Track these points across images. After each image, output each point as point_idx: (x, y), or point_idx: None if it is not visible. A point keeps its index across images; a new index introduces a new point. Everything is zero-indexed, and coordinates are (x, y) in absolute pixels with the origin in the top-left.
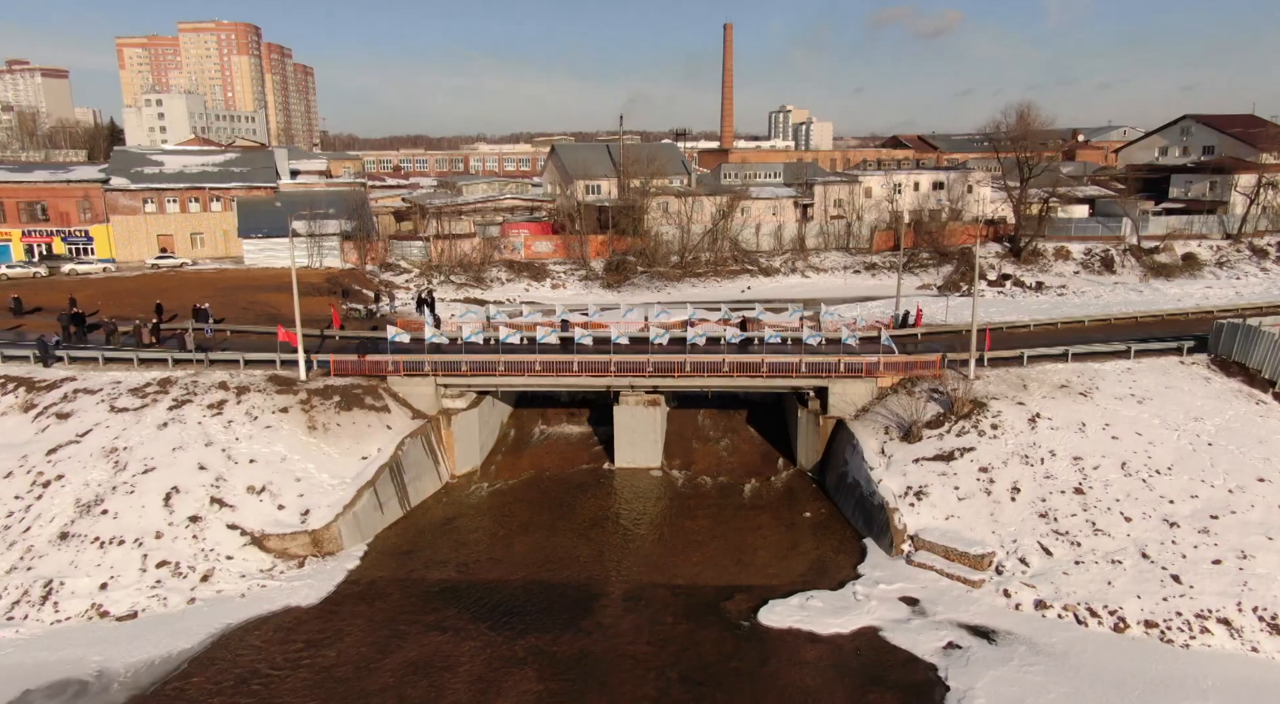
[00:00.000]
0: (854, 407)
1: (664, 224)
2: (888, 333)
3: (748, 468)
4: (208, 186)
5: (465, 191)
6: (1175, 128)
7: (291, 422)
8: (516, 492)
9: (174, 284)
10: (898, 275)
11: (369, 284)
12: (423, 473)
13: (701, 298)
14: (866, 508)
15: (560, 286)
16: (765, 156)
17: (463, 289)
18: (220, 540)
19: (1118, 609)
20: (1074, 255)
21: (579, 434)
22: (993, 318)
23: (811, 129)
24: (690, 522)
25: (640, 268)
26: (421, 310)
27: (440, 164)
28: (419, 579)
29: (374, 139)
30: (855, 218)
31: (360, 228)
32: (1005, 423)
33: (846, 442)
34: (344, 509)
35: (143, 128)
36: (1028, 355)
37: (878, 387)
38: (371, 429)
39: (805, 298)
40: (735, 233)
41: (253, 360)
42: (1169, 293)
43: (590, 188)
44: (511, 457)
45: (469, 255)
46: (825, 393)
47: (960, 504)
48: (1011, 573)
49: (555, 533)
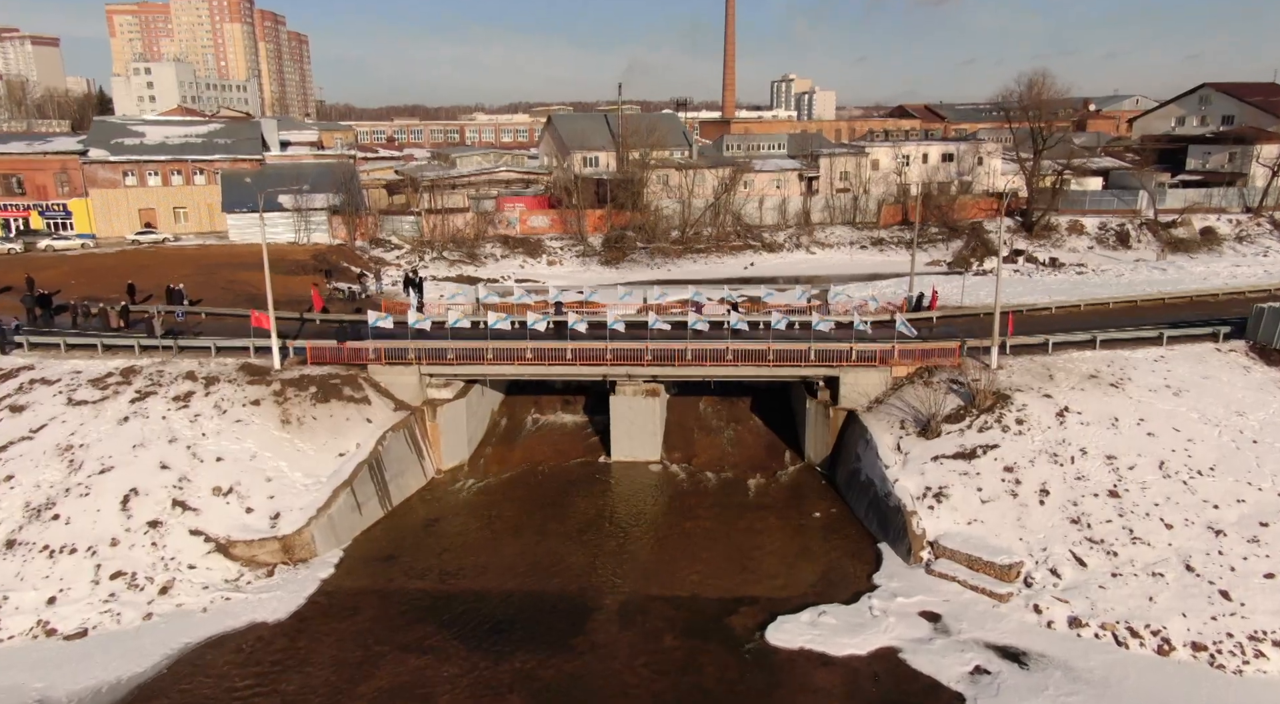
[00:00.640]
0: (867, 398)
1: (664, 198)
2: (903, 317)
3: (752, 461)
4: (190, 159)
5: (459, 164)
6: (1193, 96)
7: (263, 415)
8: (506, 488)
9: (153, 261)
10: (911, 254)
11: (358, 261)
12: (405, 469)
13: (703, 275)
14: (881, 509)
15: (556, 263)
16: (768, 127)
17: (455, 266)
18: (181, 548)
19: (1161, 629)
20: (1088, 230)
21: (574, 423)
22: (1011, 299)
23: (814, 99)
24: (691, 522)
25: (640, 243)
26: (409, 291)
27: (435, 135)
28: (398, 590)
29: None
30: (862, 191)
31: (349, 202)
32: (1031, 417)
33: (859, 436)
34: (318, 512)
35: (131, 97)
36: (1053, 342)
37: (892, 376)
38: (350, 423)
39: (810, 275)
40: (738, 207)
41: (225, 347)
42: (1194, 271)
43: (588, 160)
44: (502, 448)
45: (462, 231)
46: (836, 383)
47: (984, 507)
48: (1042, 585)
49: (546, 536)
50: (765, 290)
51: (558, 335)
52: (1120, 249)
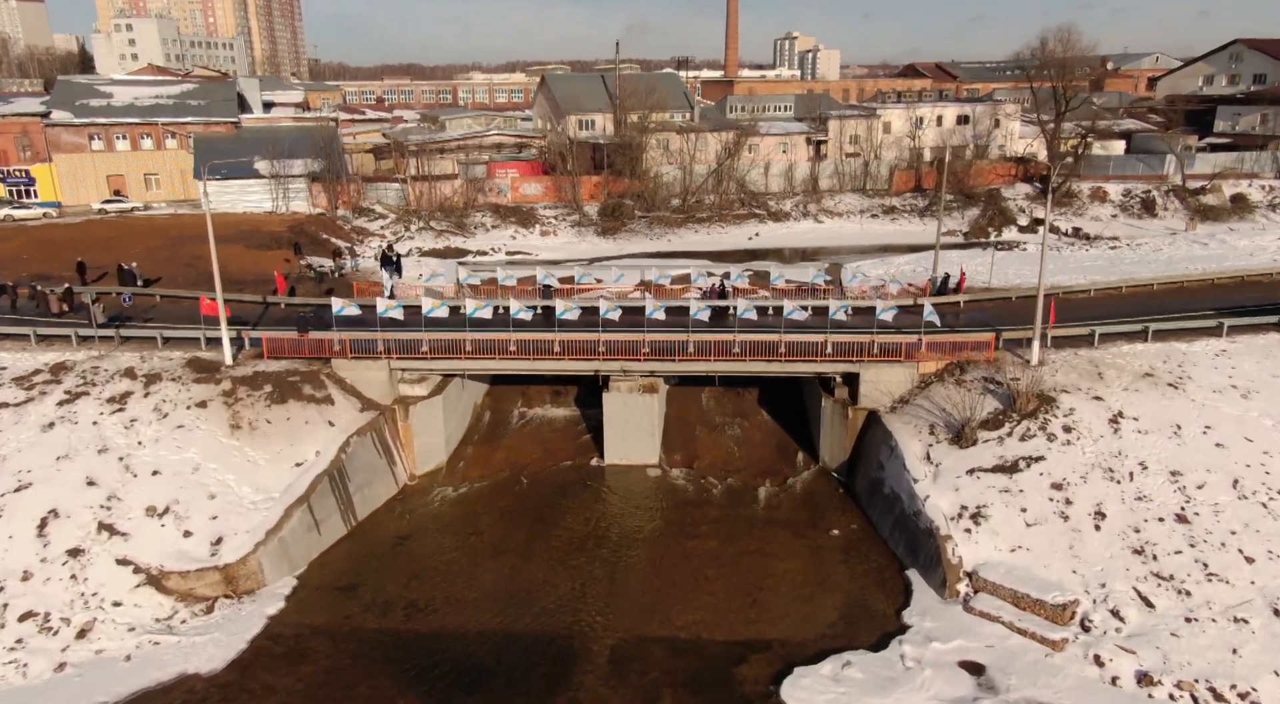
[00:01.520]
0: (890, 397)
1: (664, 164)
2: (930, 304)
3: (761, 465)
4: (161, 121)
5: (448, 127)
6: (1223, 54)
7: (210, 419)
8: (487, 497)
9: (119, 233)
10: (936, 227)
11: (339, 232)
12: (373, 477)
13: (705, 247)
14: (909, 530)
15: (550, 234)
16: (774, 87)
17: (443, 237)
18: (106, 581)
19: (1250, 690)
20: (1111, 197)
21: (564, 419)
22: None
23: (818, 58)
24: (693, 541)
25: (638, 212)
26: (386, 270)
27: (427, 96)
28: (356, 630)
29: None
30: (873, 156)
31: (330, 168)
32: (1080, 424)
33: (882, 441)
34: (267, 535)
35: (113, 55)
36: (1099, 333)
37: (919, 373)
38: (310, 426)
39: (818, 246)
40: (742, 173)
41: (174, 337)
42: (1237, 245)
43: (584, 123)
44: (484, 449)
45: (450, 199)
46: (855, 380)
47: (1029, 532)
48: (1102, 630)
49: (530, 558)
50: (775, 273)
51: (546, 322)
52: (1146, 217)
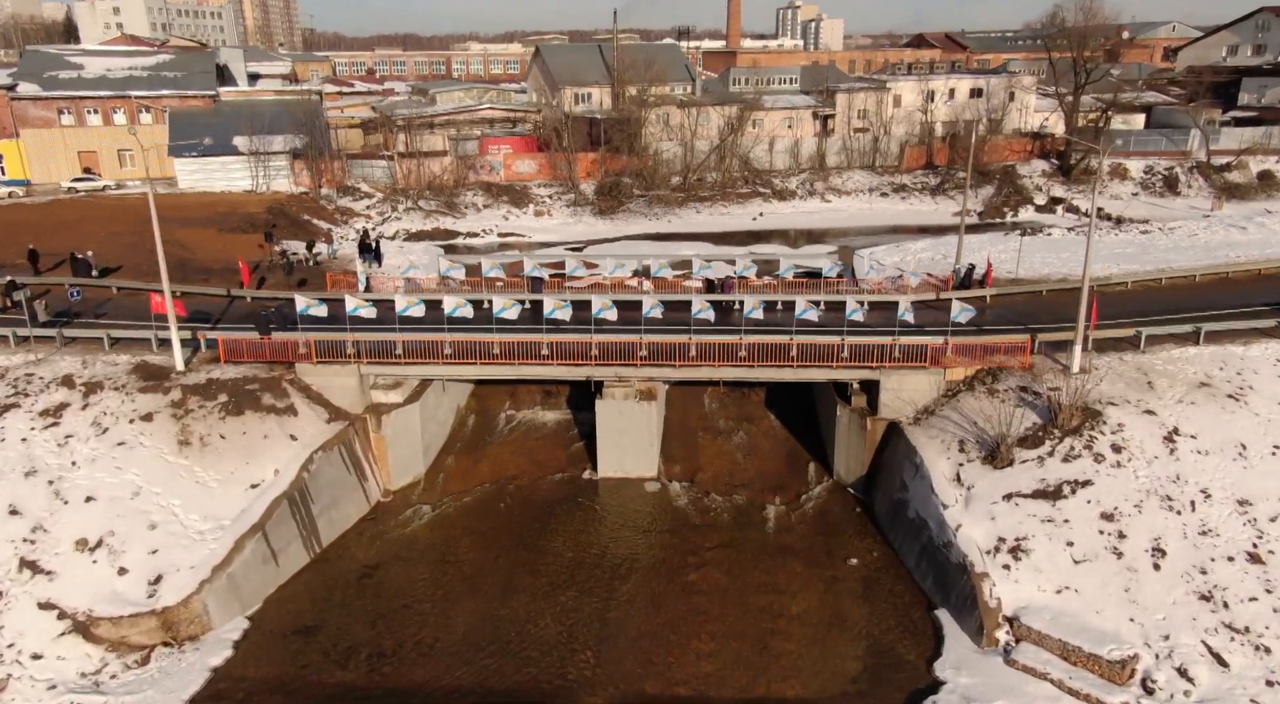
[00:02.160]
0: (913, 407)
1: (664, 140)
2: (960, 304)
3: (769, 478)
4: (135, 94)
5: (439, 100)
6: (1249, 23)
7: (156, 435)
8: (467, 517)
9: (85, 215)
10: (960, 214)
11: (322, 213)
12: (341, 496)
13: (707, 227)
14: (939, 563)
15: (545, 214)
16: (778, 59)
17: (432, 218)
18: (25, 629)
19: None
20: (1132, 174)
21: (555, 423)
22: (1072, 268)
23: (821, 27)
24: (696, 573)
25: (637, 191)
26: (364, 257)
27: (420, 67)
28: (312, 684)
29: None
30: (882, 131)
31: (313, 145)
32: (1131, 443)
33: (905, 457)
34: (214, 572)
35: (97, 24)
36: (1146, 334)
37: (946, 380)
38: (269, 441)
39: (825, 227)
40: (746, 150)
41: (123, 338)
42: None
43: (580, 97)
44: (467, 458)
45: (439, 177)
46: (875, 387)
47: (1078, 571)
48: (1168, 693)
49: (512, 594)
50: (785, 264)
51: (534, 318)
52: (1168, 195)
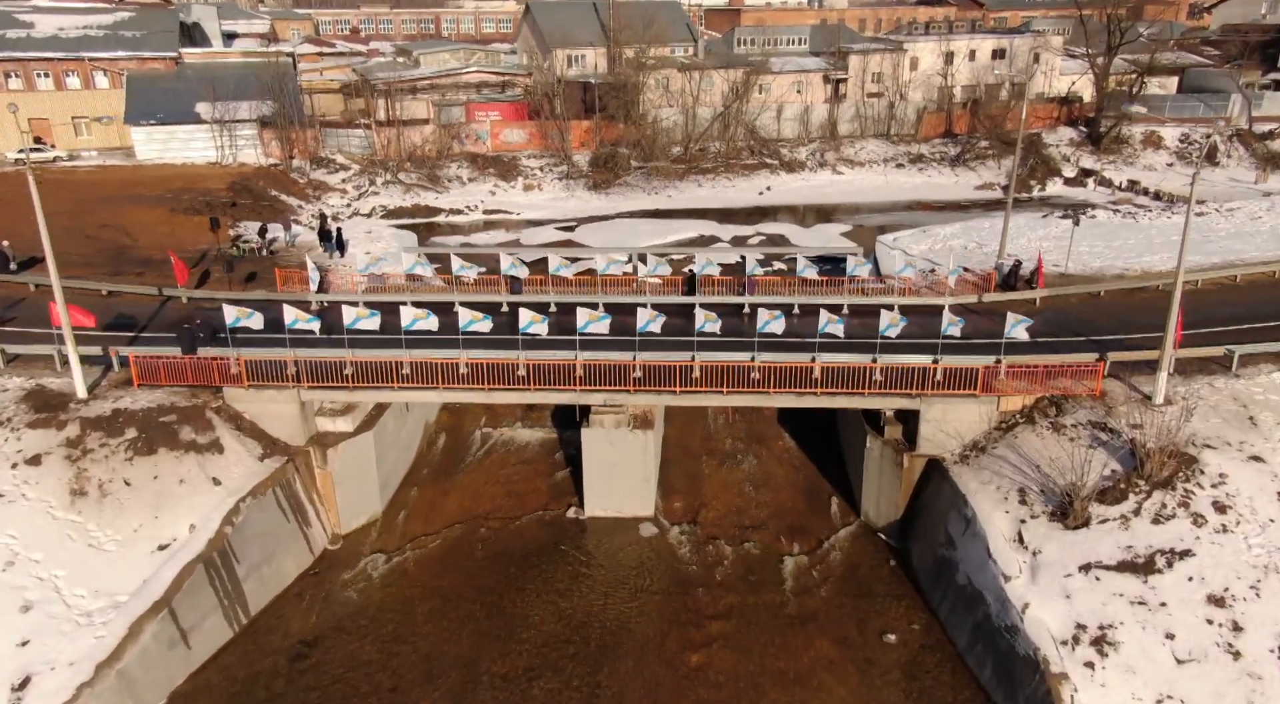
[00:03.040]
0: (959, 441)
1: (664, 106)
2: (1014, 316)
3: (785, 516)
4: (89, 56)
5: (423, 62)
6: None
7: (43, 484)
8: (429, 572)
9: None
10: (1008, 194)
11: (292, 187)
12: (277, 549)
13: (709, 203)
14: (1000, 650)
15: (535, 188)
16: (786, 18)
17: (412, 192)
18: None
19: None
20: (1166, 142)
21: (537, 445)
22: (1127, 261)
23: None
24: (700, 654)
25: (634, 162)
26: (327, 246)
27: (408, 26)
28: None
29: None
30: (898, 97)
31: (284, 112)
32: (1238, 499)
33: (951, 505)
34: (98, 670)
35: None
36: (1238, 353)
37: (999, 410)
38: (187, 488)
39: (838, 202)
40: (751, 117)
41: (23, 355)
42: None
43: (573, 59)
44: (433, 490)
45: (421, 148)
46: (914, 418)
47: (1182, 673)
48: None
49: (477, 684)
50: (801, 263)
51: (512, 326)
52: (1206, 166)
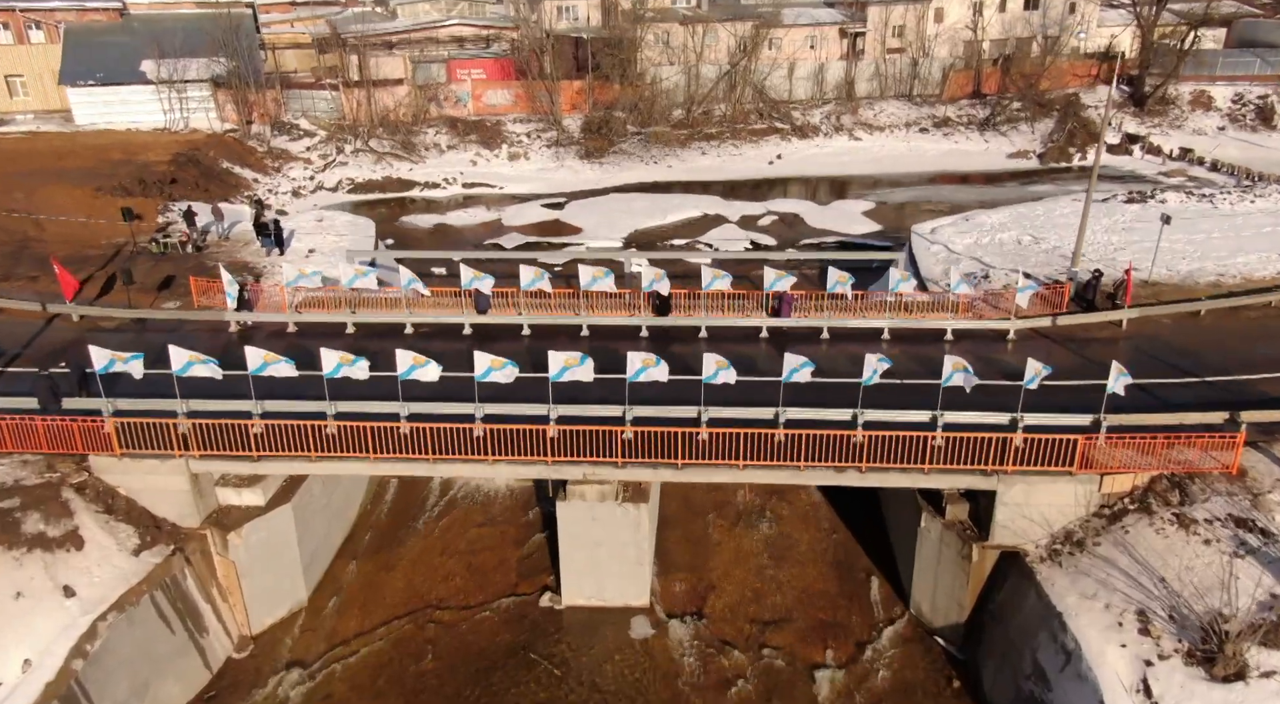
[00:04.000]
0: (1044, 529)
1: (664, 64)
2: (1119, 370)
3: (815, 604)
4: (20, 7)
5: (400, 14)
6: None
7: None
8: (363, 691)
9: None
10: (1093, 170)
11: (249, 157)
12: (155, 675)
13: (714, 174)
14: None
15: (520, 157)
16: None
17: (384, 162)
18: None
19: None
20: (1217, 103)
21: (508, 498)
22: (1217, 261)
23: None
24: None
25: (631, 127)
26: (264, 242)
27: None
28: None
29: None
30: (922, 53)
31: (241, 71)
32: None
33: (1039, 622)
34: None
35: None
36: None
37: (1101, 491)
38: (25, 603)
39: (856, 174)
40: (761, 77)
41: None
42: None
43: (564, 11)
44: (375, 565)
45: (395, 111)
46: (986, 499)
47: None
48: None
49: None
50: (834, 279)
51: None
52: (1262, 130)
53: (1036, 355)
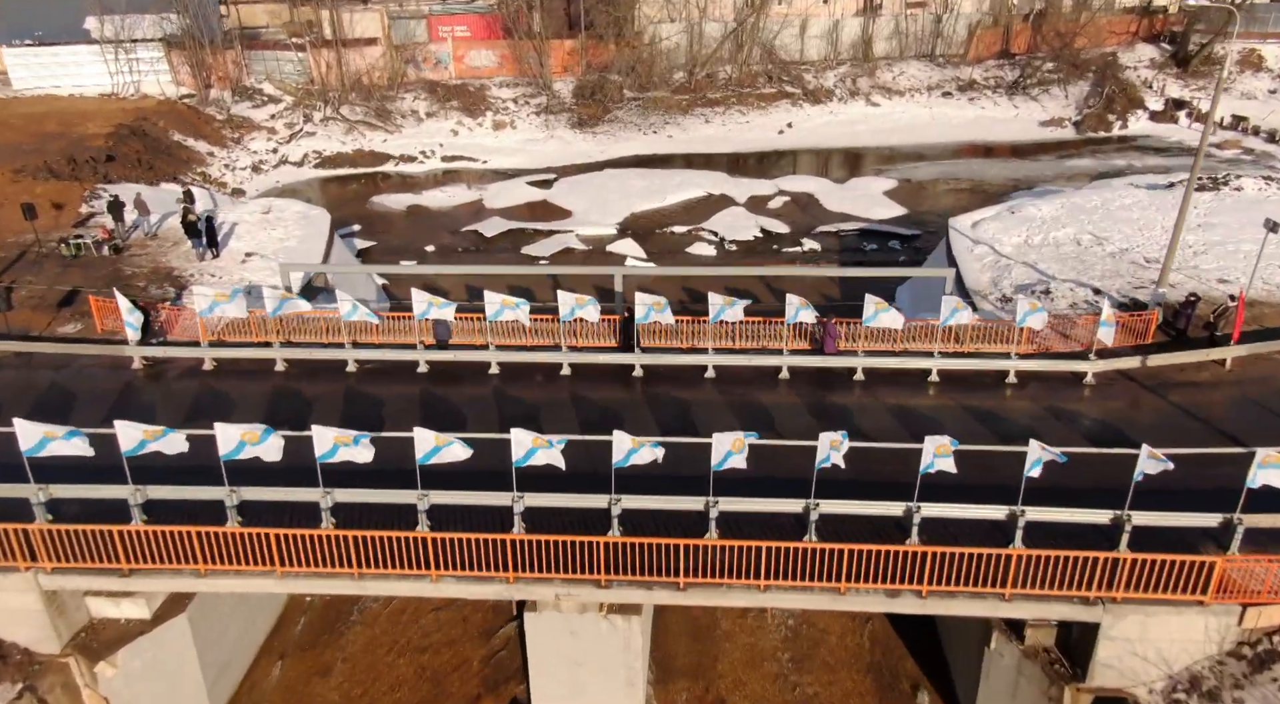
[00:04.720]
0: (1162, 670)
1: (664, 21)
2: (1266, 458)
3: None
4: None
5: None
6: None
7: None
8: None
9: None
10: (1187, 184)
11: (205, 128)
12: None
13: (718, 145)
14: None
15: (506, 125)
16: None
17: (356, 132)
18: None
19: None
20: (1268, 63)
21: None
22: None
23: None
24: None
25: (628, 92)
26: (196, 244)
27: None
28: None
29: None
30: (945, 9)
31: (196, 30)
32: None
33: None
34: None
35: None
36: None
37: (1239, 625)
38: None
39: (874, 146)
40: (770, 36)
41: None
42: None
43: None
44: (304, 671)
45: (369, 74)
46: (1086, 633)
47: None
48: None
49: None
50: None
51: (435, 416)
52: None
53: (1121, 404)
